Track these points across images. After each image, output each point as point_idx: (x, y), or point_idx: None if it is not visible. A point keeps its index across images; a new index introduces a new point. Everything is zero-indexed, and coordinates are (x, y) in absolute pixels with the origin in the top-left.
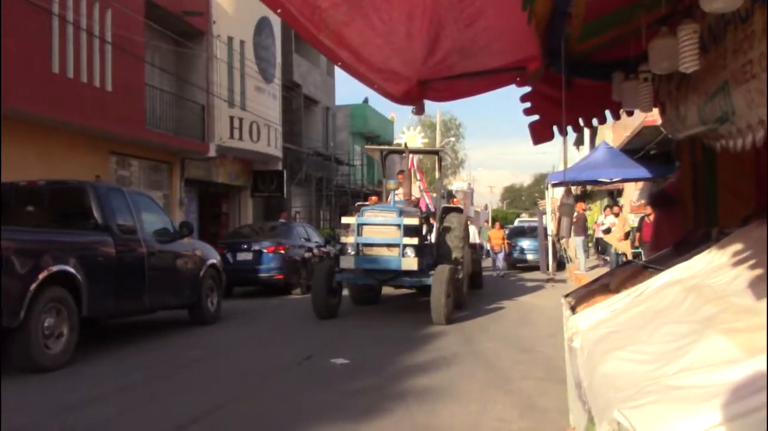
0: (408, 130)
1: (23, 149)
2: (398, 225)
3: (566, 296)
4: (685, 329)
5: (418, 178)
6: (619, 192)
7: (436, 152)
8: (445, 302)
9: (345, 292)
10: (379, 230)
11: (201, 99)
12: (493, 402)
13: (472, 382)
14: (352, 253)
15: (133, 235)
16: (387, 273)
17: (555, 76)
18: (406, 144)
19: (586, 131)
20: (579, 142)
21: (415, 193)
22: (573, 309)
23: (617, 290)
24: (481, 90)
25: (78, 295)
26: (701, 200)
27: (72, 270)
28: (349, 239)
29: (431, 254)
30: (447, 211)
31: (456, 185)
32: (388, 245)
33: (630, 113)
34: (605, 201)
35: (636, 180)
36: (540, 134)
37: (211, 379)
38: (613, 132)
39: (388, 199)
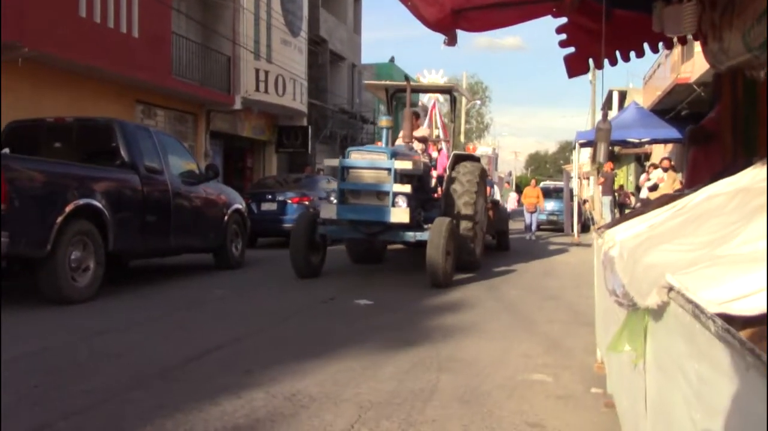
0: (430, 72)
1: (56, 95)
2: (388, 170)
3: (598, 228)
4: (735, 217)
5: (439, 125)
6: (647, 156)
7: (448, 90)
8: (443, 262)
9: (341, 248)
10: (367, 175)
11: (227, 50)
12: (518, 340)
13: (496, 322)
14: (335, 201)
15: (159, 175)
16: (374, 225)
17: (592, 6)
18: (407, 77)
19: (615, 96)
20: (608, 106)
21: (434, 145)
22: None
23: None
24: (515, 20)
25: (104, 230)
26: (741, 134)
27: (98, 204)
28: (332, 185)
29: (439, 209)
30: (458, 159)
31: (480, 149)
32: (378, 194)
33: (669, 45)
34: (632, 166)
35: (666, 142)
36: (575, 66)
37: (236, 313)
38: (644, 94)
39: (404, 141)
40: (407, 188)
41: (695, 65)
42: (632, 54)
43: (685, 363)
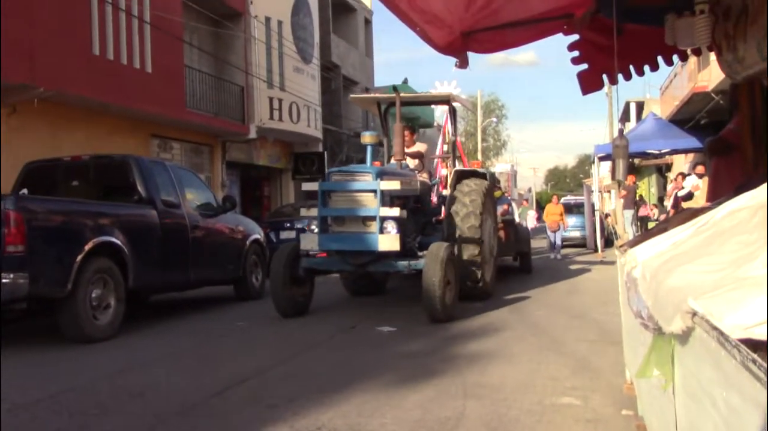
0: (442, 84)
1: (71, 133)
2: (374, 191)
3: (620, 246)
4: (756, 235)
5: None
6: (668, 167)
7: (445, 101)
8: (442, 293)
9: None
10: (350, 199)
11: (240, 80)
12: (545, 362)
13: (522, 345)
14: (316, 230)
15: (176, 209)
16: (362, 255)
17: (603, 22)
18: (395, 88)
19: (632, 107)
20: (625, 118)
21: (443, 162)
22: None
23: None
24: (526, 40)
25: (124, 267)
26: (761, 145)
27: (117, 241)
28: (312, 212)
29: (442, 232)
30: (461, 176)
31: (499, 166)
32: (364, 219)
33: (684, 57)
34: (653, 177)
35: (686, 152)
36: (589, 83)
37: (258, 345)
38: (662, 104)
39: (395, 159)
40: (395, 212)
41: (712, 73)
42: (646, 68)
43: (714, 389)
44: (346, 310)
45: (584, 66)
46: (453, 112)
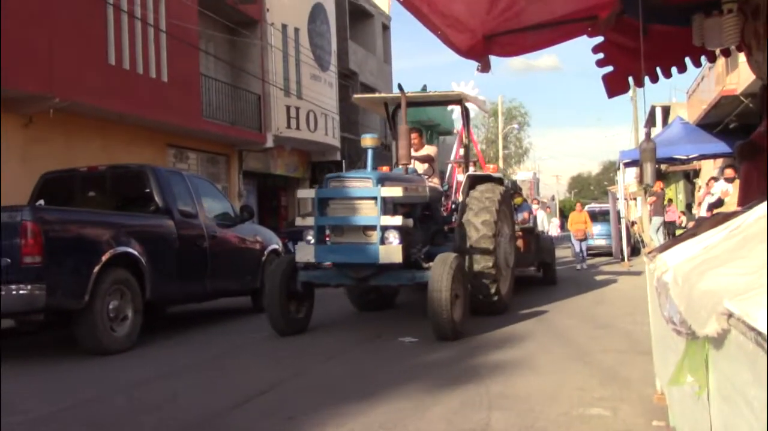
0: (458, 84)
1: (88, 143)
2: (374, 198)
3: (649, 252)
4: None
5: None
6: (696, 173)
7: (456, 101)
8: (449, 308)
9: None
10: (349, 207)
11: (257, 89)
12: (572, 372)
13: (548, 355)
14: (312, 241)
15: (193, 219)
16: (363, 268)
17: (629, 23)
18: (400, 87)
19: (658, 112)
20: (651, 122)
21: (459, 167)
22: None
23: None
24: (550, 42)
25: (141, 278)
26: None
27: (135, 252)
28: (308, 222)
29: (454, 242)
30: (475, 181)
31: (520, 174)
32: (365, 229)
33: (712, 58)
34: (681, 184)
35: (715, 157)
36: (614, 86)
37: (277, 357)
38: (688, 108)
39: (400, 163)
40: (398, 221)
41: (741, 76)
42: (674, 70)
43: (750, 391)
44: (363, 322)
45: (609, 68)
46: (466, 113)
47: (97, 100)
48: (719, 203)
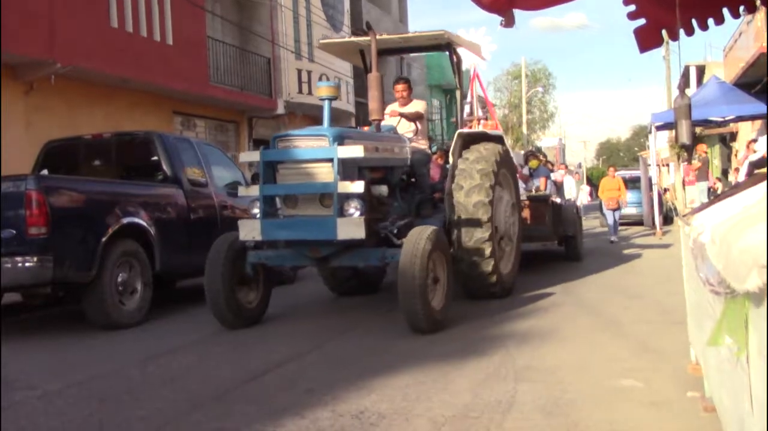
0: (468, 32)
1: (91, 110)
2: (331, 160)
3: (684, 215)
4: None
5: (481, 93)
6: (733, 136)
7: (441, 44)
8: (424, 292)
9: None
10: (302, 172)
11: (266, 52)
12: (601, 343)
13: (576, 326)
14: (258, 214)
15: (203, 188)
16: (321, 246)
17: None
18: (368, 26)
19: (693, 72)
20: (685, 83)
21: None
22: None
23: None
24: None
25: (150, 249)
26: None
27: (143, 223)
28: (252, 192)
29: (444, 213)
30: (468, 140)
31: (545, 140)
32: (322, 198)
33: (752, 8)
34: (716, 148)
35: (753, 118)
36: (647, 39)
37: (292, 330)
38: (725, 67)
39: (371, 118)
40: (358, 187)
41: None
42: (710, 21)
43: None
44: (384, 292)
45: (641, 22)
46: (458, 61)
47: (99, 65)
48: (762, 162)
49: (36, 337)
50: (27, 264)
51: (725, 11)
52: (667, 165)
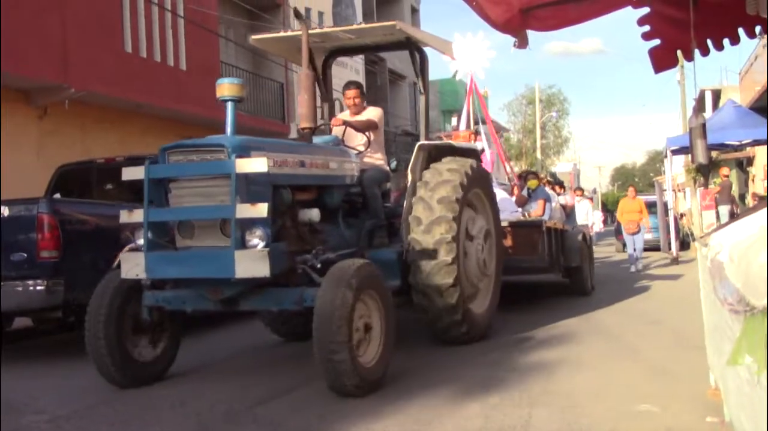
0: (463, 36)
1: (104, 134)
2: (229, 176)
3: (701, 237)
4: None
5: (476, 102)
6: (750, 161)
7: (405, 43)
8: (346, 347)
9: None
10: (196, 191)
11: (279, 77)
12: (618, 369)
13: (591, 352)
14: (143, 245)
15: None
16: (220, 287)
17: None
18: (296, 13)
19: (708, 96)
20: (700, 108)
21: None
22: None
23: None
24: (592, 15)
25: None
26: None
27: None
28: (135, 217)
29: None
30: (432, 155)
31: (560, 165)
32: (223, 225)
33: None
34: (733, 173)
35: None
36: (662, 60)
37: (302, 356)
38: (741, 91)
39: (300, 126)
40: (260, 210)
41: None
42: (726, 42)
43: None
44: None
45: (656, 42)
46: (421, 59)
47: (113, 90)
48: None
49: (45, 362)
50: (38, 288)
51: (741, 31)
52: (683, 190)
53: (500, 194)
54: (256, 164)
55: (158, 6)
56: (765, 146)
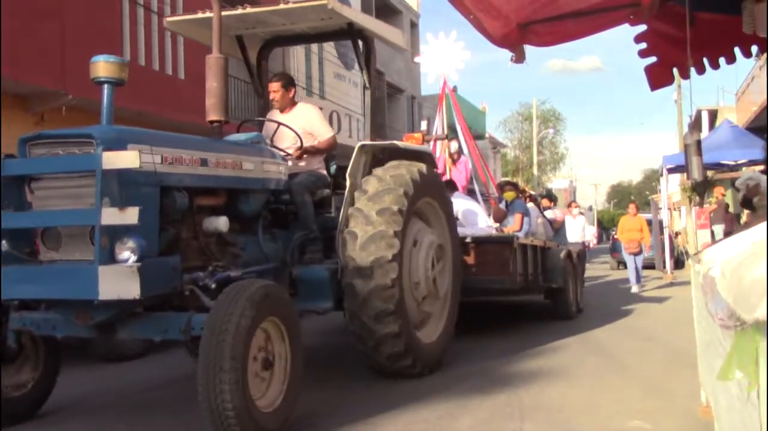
0: (436, 38)
1: None
2: (94, 172)
3: (694, 255)
4: None
5: (454, 119)
6: None
7: (348, 31)
8: (237, 393)
9: None
10: (63, 193)
11: None
12: (610, 384)
13: (583, 367)
14: None
15: None
16: (88, 310)
17: (674, 11)
18: None
19: (705, 116)
20: (697, 128)
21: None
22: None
23: None
24: (589, 31)
25: None
26: None
27: None
28: None
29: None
30: (377, 159)
31: (556, 182)
32: (92, 235)
33: (764, 47)
34: (729, 193)
35: (766, 163)
36: (658, 77)
37: None
38: (737, 112)
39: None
40: (130, 216)
41: None
42: (722, 60)
43: None
44: None
45: (652, 59)
46: (366, 49)
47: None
48: None
49: None
50: None
51: (737, 50)
52: (679, 209)
53: (466, 204)
54: (126, 159)
55: (157, 14)
56: (761, 166)
